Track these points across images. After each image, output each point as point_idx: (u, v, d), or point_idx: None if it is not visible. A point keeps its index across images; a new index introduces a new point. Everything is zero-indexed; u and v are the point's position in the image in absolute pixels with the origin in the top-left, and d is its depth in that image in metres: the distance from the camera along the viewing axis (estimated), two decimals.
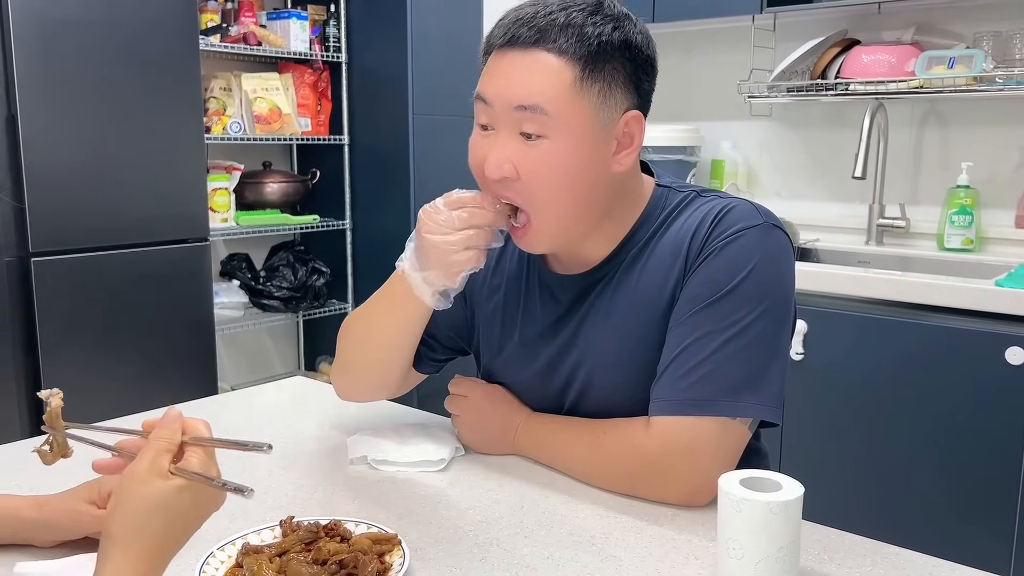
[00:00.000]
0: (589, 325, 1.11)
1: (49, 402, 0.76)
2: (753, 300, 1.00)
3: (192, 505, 0.68)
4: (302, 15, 3.30)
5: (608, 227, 1.09)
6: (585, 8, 0.99)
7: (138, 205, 2.46)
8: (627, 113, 1.01)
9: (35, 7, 2.19)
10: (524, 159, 0.99)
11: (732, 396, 1.00)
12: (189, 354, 2.62)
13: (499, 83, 1.00)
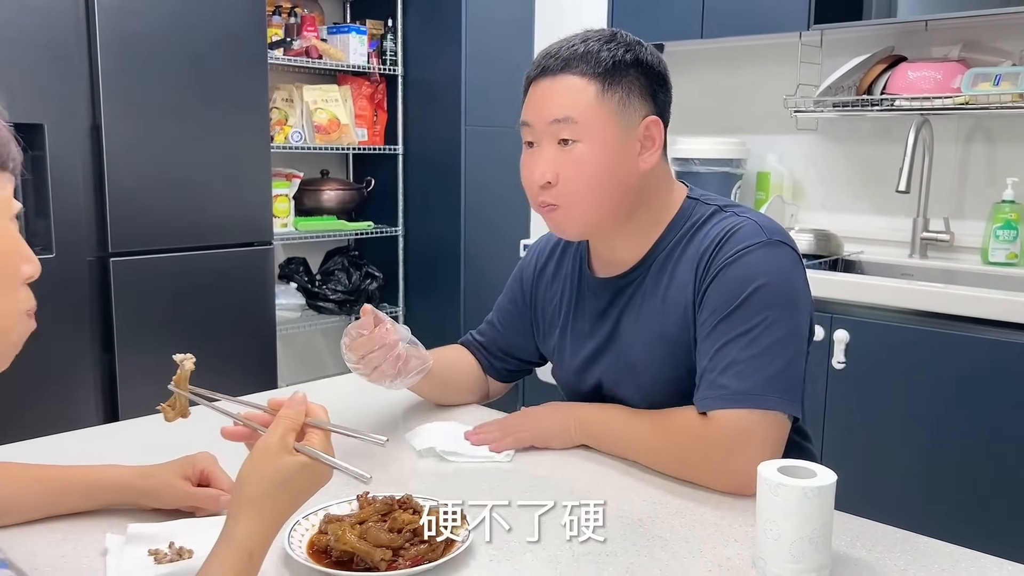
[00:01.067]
0: (624, 323, 1.26)
1: (182, 364, 0.87)
2: (768, 306, 1.13)
3: (310, 480, 0.79)
4: (361, 29, 3.44)
5: (639, 229, 1.24)
6: (601, 38, 1.18)
7: (208, 209, 2.60)
8: (646, 119, 1.19)
9: (119, 24, 2.35)
10: (562, 163, 1.17)
11: (773, 391, 1.11)
12: (251, 351, 2.75)
13: (537, 105, 1.19)
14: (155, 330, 2.48)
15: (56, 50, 2.26)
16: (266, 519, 0.75)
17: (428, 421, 1.33)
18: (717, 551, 0.96)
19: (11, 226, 0.72)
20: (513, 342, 1.46)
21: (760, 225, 1.18)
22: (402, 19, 3.50)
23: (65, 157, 2.29)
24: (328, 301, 3.44)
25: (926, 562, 0.95)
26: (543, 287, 1.40)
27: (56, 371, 2.25)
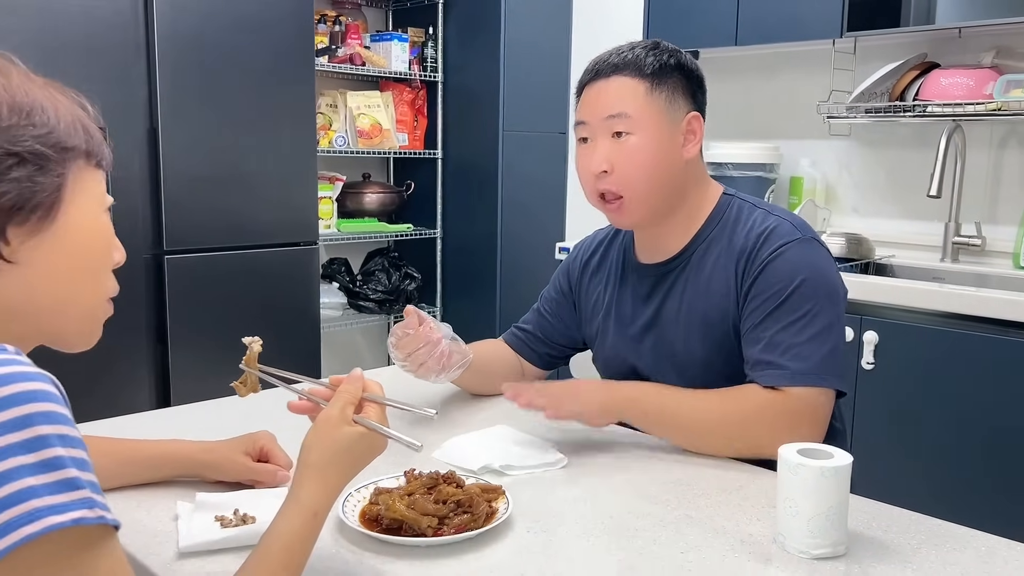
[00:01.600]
0: (667, 306, 1.38)
1: (251, 346, 0.96)
2: (812, 298, 1.26)
3: (367, 449, 0.86)
4: (403, 37, 3.54)
5: (682, 220, 1.37)
6: (646, 46, 1.34)
7: (257, 210, 2.71)
8: (689, 113, 1.34)
9: (176, 33, 2.47)
10: (617, 154, 1.31)
11: (826, 370, 1.23)
12: (297, 346, 2.86)
13: (592, 104, 1.34)
14: (206, 324, 2.59)
15: (117, 57, 2.38)
16: (329, 483, 0.83)
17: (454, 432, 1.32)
18: (740, 528, 1.03)
19: (105, 217, 0.80)
20: (557, 329, 1.56)
21: (793, 224, 1.32)
22: (442, 27, 3.60)
23: (124, 159, 2.41)
24: (369, 300, 3.54)
25: (938, 542, 1.00)
26: (587, 277, 1.52)
27: (113, 361, 2.37)
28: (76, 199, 0.74)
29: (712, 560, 0.95)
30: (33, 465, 0.60)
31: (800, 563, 0.95)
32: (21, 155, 0.70)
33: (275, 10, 2.69)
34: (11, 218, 0.70)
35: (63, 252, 0.74)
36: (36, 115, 0.71)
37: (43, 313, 0.74)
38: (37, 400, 0.61)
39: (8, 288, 0.71)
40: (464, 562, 0.94)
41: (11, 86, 0.71)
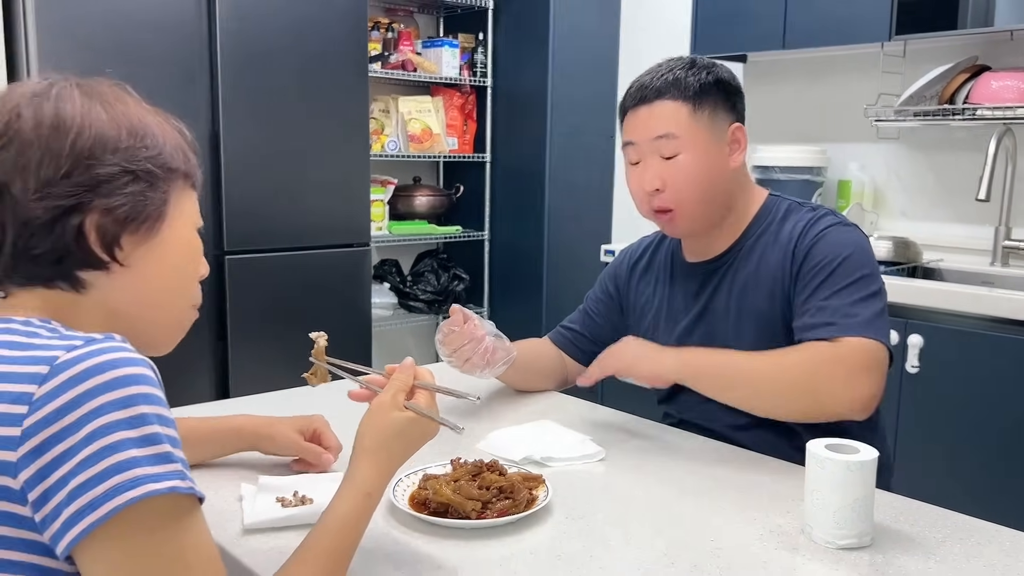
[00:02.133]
0: (716, 301, 1.44)
1: (317, 341, 1.04)
2: (861, 268, 1.33)
3: (419, 434, 0.93)
4: (453, 43, 3.63)
5: (730, 221, 1.44)
6: (685, 65, 1.40)
7: (313, 212, 2.82)
8: (732, 125, 1.41)
9: (238, 43, 2.58)
10: (668, 173, 1.38)
11: (875, 327, 1.27)
12: (349, 344, 2.95)
13: (638, 128, 1.40)
14: (263, 321, 2.70)
15: (182, 65, 2.50)
16: (382, 465, 0.90)
17: (499, 425, 1.39)
18: (769, 519, 1.07)
19: (196, 234, 0.89)
20: (604, 329, 1.61)
21: (834, 214, 1.41)
22: (492, 33, 3.67)
23: None
24: (418, 301, 3.63)
25: (963, 536, 1.04)
26: (635, 279, 1.59)
27: (175, 355, 2.47)
28: (175, 215, 0.85)
29: (741, 547, 1.00)
30: (136, 439, 0.68)
31: (826, 552, 0.99)
32: (136, 173, 0.80)
33: (331, 20, 2.79)
34: (125, 227, 0.80)
35: (163, 262, 0.84)
36: (148, 139, 0.81)
37: (142, 315, 0.84)
38: (139, 383, 0.70)
39: (116, 290, 0.81)
40: (505, 544, 1.00)
41: (128, 112, 0.82)
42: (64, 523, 0.67)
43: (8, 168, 0.76)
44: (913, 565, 0.96)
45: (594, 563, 0.95)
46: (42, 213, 0.76)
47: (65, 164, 0.77)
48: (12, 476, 0.67)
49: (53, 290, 0.80)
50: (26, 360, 0.71)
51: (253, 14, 2.61)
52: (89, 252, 0.79)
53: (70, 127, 0.78)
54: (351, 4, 2.85)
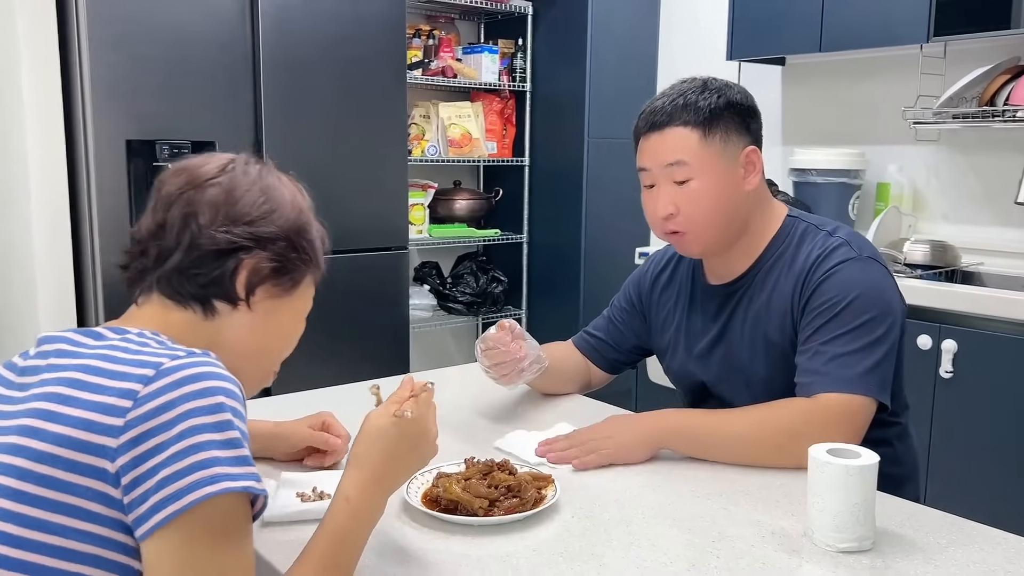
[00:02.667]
0: (732, 324, 1.44)
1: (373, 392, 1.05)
2: (866, 311, 1.31)
3: (399, 435, 0.96)
4: (493, 49, 3.68)
5: (747, 242, 1.43)
6: (696, 89, 1.38)
7: (353, 216, 2.89)
8: (746, 148, 1.39)
9: (279, 54, 2.66)
10: (680, 198, 1.38)
11: (868, 380, 1.28)
12: (388, 344, 3.02)
13: (650, 155, 1.40)
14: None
15: (227, 77, 2.59)
16: (366, 470, 0.94)
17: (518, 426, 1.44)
18: (774, 522, 1.09)
19: (302, 319, 1.05)
20: (627, 337, 1.64)
21: (851, 244, 1.37)
22: (531, 38, 3.71)
23: None
24: (457, 303, 3.69)
25: (967, 542, 1.04)
26: (657, 292, 1.60)
27: None
28: (300, 294, 1.01)
29: (741, 548, 1.02)
30: (219, 442, 0.79)
31: (825, 555, 1.01)
32: (294, 246, 0.97)
33: (369, 30, 2.86)
34: (266, 280, 0.96)
35: (274, 322, 0.99)
36: (311, 229, 1.00)
37: (236, 357, 0.94)
38: (227, 395, 0.82)
39: (231, 328, 0.95)
40: (510, 541, 1.04)
41: (302, 204, 1.00)
42: (150, 508, 0.77)
43: (207, 201, 0.93)
44: (911, 570, 0.98)
45: (594, 561, 0.99)
46: (215, 244, 0.92)
47: (250, 215, 0.93)
48: (111, 460, 0.78)
49: (183, 310, 0.93)
50: (136, 363, 0.82)
51: (294, 27, 2.69)
52: (232, 288, 0.93)
53: (264, 190, 0.96)
54: (389, 14, 2.91)
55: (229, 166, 0.97)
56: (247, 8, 2.60)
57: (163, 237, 0.93)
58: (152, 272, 0.93)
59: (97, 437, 0.78)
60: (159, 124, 2.48)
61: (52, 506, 0.77)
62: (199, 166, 0.96)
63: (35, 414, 0.81)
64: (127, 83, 2.42)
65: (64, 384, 0.82)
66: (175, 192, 0.94)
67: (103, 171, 2.41)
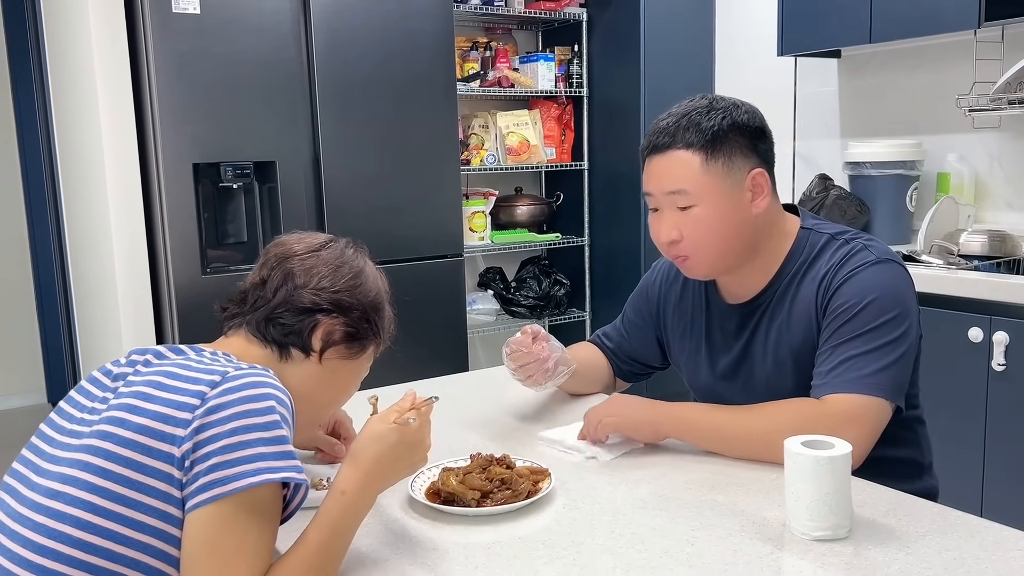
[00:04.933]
0: (755, 342, 1.43)
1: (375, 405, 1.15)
2: (883, 313, 1.31)
3: (398, 441, 1.05)
4: (549, 57, 3.75)
5: (761, 261, 1.41)
6: (700, 110, 1.35)
7: (409, 226, 3.01)
8: (752, 171, 1.36)
9: (334, 75, 2.81)
10: (684, 225, 1.36)
11: (882, 382, 1.28)
12: (447, 348, 3.13)
13: (653, 180, 1.38)
14: None
15: (284, 99, 2.75)
16: (360, 467, 1.03)
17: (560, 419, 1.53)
18: (759, 514, 1.13)
19: (357, 382, 1.20)
20: (638, 350, 1.67)
21: (870, 249, 1.37)
22: (587, 43, 3.77)
23: (292, 187, 2.78)
24: (520, 306, 3.77)
25: (947, 530, 1.06)
26: (671, 307, 1.58)
27: None
28: (362, 360, 1.18)
29: (718, 536, 1.06)
30: (268, 439, 0.95)
31: (799, 544, 1.04)
32: (367, 318, 1.15)
33: (419, 48, 2.98)
34: (339, 342, 1.13)
35: (338, 378, 1.16)
36: (383, 309, 1.19)
37: (302, 400, 1.09)
38: (278, 401, 0.98)
39: (299, 374, 1.12)
40: (499, 530, 1.11)
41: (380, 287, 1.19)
42: (199, 487, 0.93)
43: (305, 268, 1.12)
44: (881, 557, 1.00)
45: (572, 549, 1.05)
46: (303, 302, 1.10)
47: (338, 286, 1.12)
48: (177, 447, 0.95)
49: (263, 348, 1.11)
50: (207, 371, 1.00)
51: (347, 48, 2.83)
52: (308, 340, 1.11)
53: (353, 269, 1.15)
54: (438, 29, 3.02)
55: (329, 244, 1.17)
56: (301, 33, 2.75)
57: (262, 290, 1.12)
58: (244, 315, 1.13)
59: (170, 428, 0.95)
60: (223, 147, 2.66)
61: (129, 483, 0.94)
62: (301, 240, 1.17)
63: (123, 408, 0.98)
64: (192, 110, 2.61)
65: (148, 386, 1.00)
66: (279, 256, 1.14)
67: (172, 193, 2.60)
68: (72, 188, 3.15)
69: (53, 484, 0.96)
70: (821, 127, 3.30)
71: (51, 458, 1.00)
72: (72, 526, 0.93)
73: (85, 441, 0.98)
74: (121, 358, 1.10)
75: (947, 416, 2.27)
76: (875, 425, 1.27)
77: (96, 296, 2.97)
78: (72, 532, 0.93)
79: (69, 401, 1.08)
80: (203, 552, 0.93)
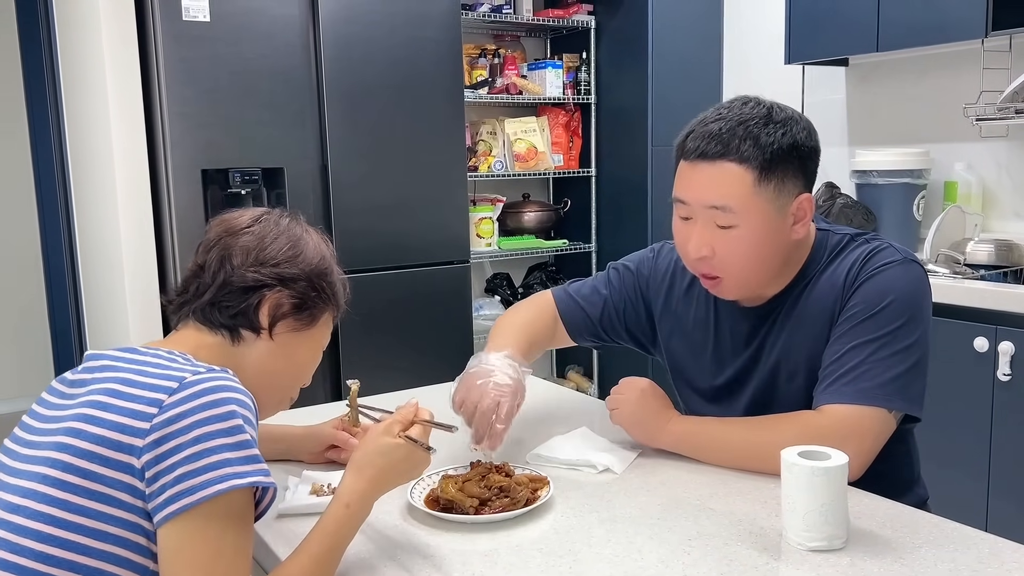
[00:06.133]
0: (767, 347, 1.38)
1: (352, 387, 1.22)
2: (900, 317, 1.26)
3: (404, 457, 1.07)
4: (557, 64, 3.76)
5: (782, 273, 1.35)
6: (759, 120, 1.24)
7: (416, 233, 3.03)
8: (799, 196, 1.27)
9: (341, 83, 2.83)
10: (719, 243, 1.27)
11: (888, 392, 1.24)
12: (452, 353, 3.14)
13: (693, 189, 1.28)
14: (372, 333, 2.93)
15: (292, 106, 2.77)
16: (364, 479, 1.04)
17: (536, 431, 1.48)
18: (756, 523, 1.13)
19: (318, 352, 1.18)
20: (616, 329, 1.55)
21: (895, 247, 1.33)
22: (595, 51, 3.78)
23: (300, 193, 2.80)
24: None
25: (943, 542, 1.06)
26: (674, 300, 1.49)
27: None
28: (318, 329, 1.15)
29: (714, 546, 1.07)
30: (231, 444, 0.93)
31: (794, 554, 1.05)
32: (314, 286, 1.11)
33: (426, 56, 3.00)
34: (288, 315, 1.10)
35: (292, 353, 1.13)
36: (330, 274, 1.15)
37: (256, 382, 1.07)
38: (238, 404, 0.96)
39: (254, 354, 1.10)
40: (496, 538, 1.11)
41: (324, 251, 1.15)
42: (167, 499, 0.91)
43: (240, 246, 1.09)
44: (876, 569, 1.00)
45: (569, 557, 1.05)
46: (244, 282, 1.07)
47: (276, 258, 1.09)
48: (137, 457, 0.92)
49: (214, 335, 1.09)
50: (164, 376, 0.97)
51: (355, 56, 2.85)
52: (256, 319, 1.09)
53: (291, 238, 1.11)
54: (445, 37, 3.04)
55: (262, 217, 1.13)
56: (310, 40, 2.78)
57: (202, 276, 1.10)
58: (190, 304, 1.10)
59: (128, 438, 0.93)
60: (231, 153, 2.68)
61: (89, 494, 0.92)
62: (235, 218, 1.13)
63: (79, 418, 0.96)
64: (201, 116, 2.63)
65: (104, 394, 0.97)
66: (214, 239, 1.11)
67: (181, 199, 2.63)
68: (83, 193, 3.17)
69: (14, 498, 0.95)
70: (828, 135, 3.28)
71: (12, 471, 0.99)
72: (34, 540, 0.92)
73: (44, 453, 0.96)
74: (80, 364, 1.07)
75: (952, 426, 2.26)
76: (876, 437, 1.24)
77: (106, 302, 3.00)
78: (34, 546, 0.91)
79: (31, 413, 1.06)
80: (182, 564, 0.92)
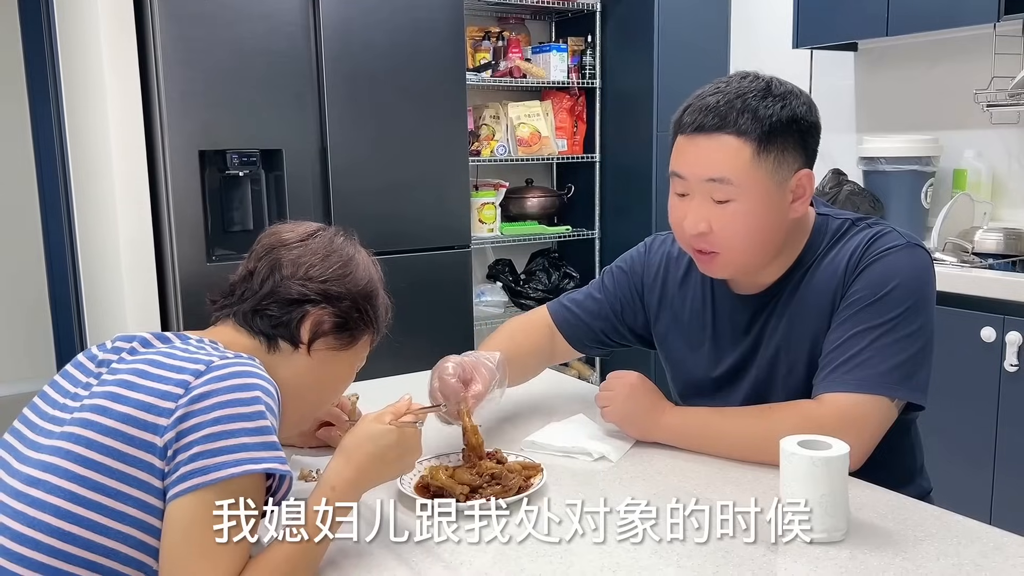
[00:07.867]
0: (766, 336, 1.34)
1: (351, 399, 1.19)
2: (904, 303, 1.23)
3: (393, 443, 1.05)
4: (561, 47, 3.71)
5: (780, 257, 1.32)
6: (757, 93, 1.21)
7: (416, 218, 3.00)
8: (799, 172, 1.25)
9: (342, 65, 2.79)
10: (716, 218, 1.24)
11: (890, 380, 1.21)
12: (453, 340, 3.11)
13: (691, 162, 1.25)
14: None
15: (292, 88, 2.74)
16: (352, 463, 1.02)
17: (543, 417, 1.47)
18: (754, 514, 1.09)
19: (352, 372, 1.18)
20: (617, 330, 1.52)
21: (898, 232, 1.29)
22: (600, 34, 3.73)
23: (299, 176, 2.77)
24: (530, 299, 3.74)
25: (946, 535, 1.03)
26: (670, 294, 1.46)
27: None
28: (356, 351, 1.15)
29: (710, 537, 1.04)
30: (251, 429, 0.94)
31: (793, 546, 1.01)
32: (358, 307, 1.12)
33: (428, 38, 2.96)
34: (331, 332, 1.10)
35: (327, 371, 1.13)
36: (376, 297, 1.16)
37: (291, 393, 1.07)
38: (263, 391, 0.97)
39: (289, 366, 1.10)
40: (488, 525, 1.08)
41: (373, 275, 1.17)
42: (180, 476, 0.92)
43: (292, 258, 1.10)
44: (876, 561, 0.97)
45: (561, 545, 1.03)
46: (291, 293, 1.08)
47: (325, 275, 1.09)
48: (159, 436, 0.93)
49: (251, 339, 1.09)
50: (192, 360, 0.98)
51: (355, 38, 2.81)
52: (297, 331, 1.09)
53: (342, 258, 1.12)
54: (448, 18, 3.00)
55: (318, 233, 1.14)
56: (310, 22, 2.74)
57: (250, 282, 1.11)
58: (233, 307, 1.11)
59: (153, 417, 0.94)
60: (229, 135, 2.65)
61: (110, 472, 0.93)
62: (291, 229, 1.14)
63: (106, 396, 0.97)
64: (199, 97, 2.60)
65: (132, 374, 0.99)
66: (268, 248, 1.12)
67: (178, 180, 2.60)
68: (81, 175, 3.15)
69: (33, 472, 0.95)
70: (836, 121, 3.24)
71: (32, 444, 0.99)
72: (52, 515, 0.92)
73: (67, 428, 0.97)
74: (108, 342, 1.08)
75: (956, 417, 2.23)
76: (878, 427, 1.21)
77: (103, 283, 2.98)
78: (51, 521, 0.92)
79: (53, 385, 1.06)
80: (183, 541, 0.92)
